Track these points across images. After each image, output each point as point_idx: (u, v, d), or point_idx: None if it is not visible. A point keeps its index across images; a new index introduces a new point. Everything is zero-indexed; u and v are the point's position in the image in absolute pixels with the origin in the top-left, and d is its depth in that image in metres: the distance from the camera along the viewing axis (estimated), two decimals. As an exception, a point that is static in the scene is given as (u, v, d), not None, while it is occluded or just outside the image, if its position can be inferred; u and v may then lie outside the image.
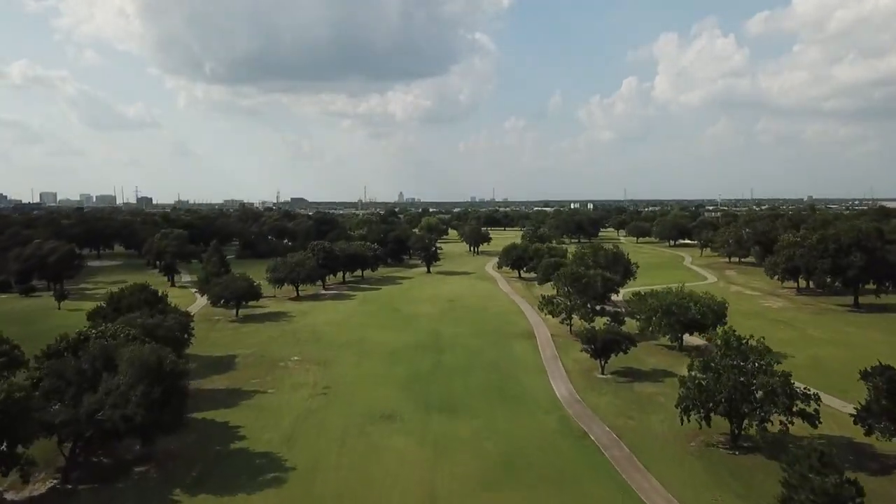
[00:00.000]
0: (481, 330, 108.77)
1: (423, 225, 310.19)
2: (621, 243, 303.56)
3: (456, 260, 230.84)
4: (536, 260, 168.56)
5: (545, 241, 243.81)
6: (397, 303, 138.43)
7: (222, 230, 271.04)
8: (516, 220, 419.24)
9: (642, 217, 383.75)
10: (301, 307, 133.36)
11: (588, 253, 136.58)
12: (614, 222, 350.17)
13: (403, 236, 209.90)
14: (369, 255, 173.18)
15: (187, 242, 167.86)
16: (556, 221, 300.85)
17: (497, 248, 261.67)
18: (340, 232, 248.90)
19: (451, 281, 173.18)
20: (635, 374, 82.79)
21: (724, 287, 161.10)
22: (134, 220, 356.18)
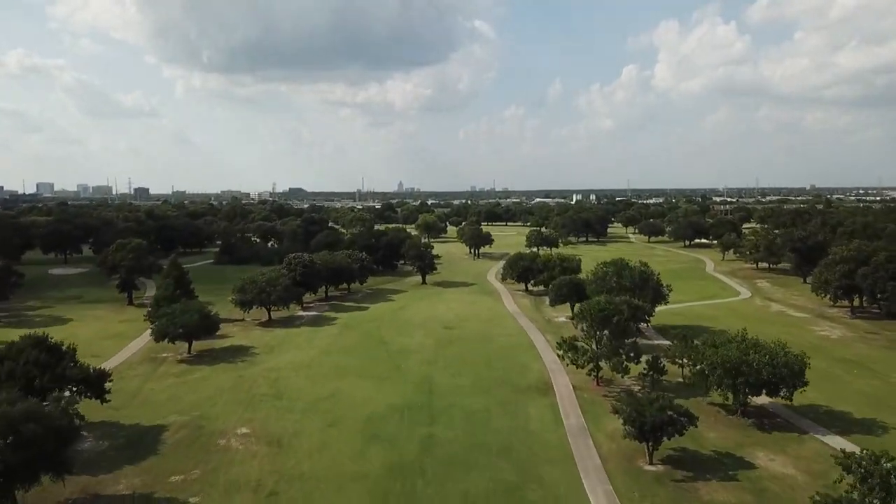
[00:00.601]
0: (485, 379, 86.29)
1: (421, 223, 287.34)
2: (631, 242, 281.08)
3: (455, 265, 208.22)
4: (546, 272, 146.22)
5: (551, 243, 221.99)
6: (385, 330, 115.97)
7: (201, 231, 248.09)
8: (518, 215, 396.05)
9: (651, 212, 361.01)
10: (269, 338, 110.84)
11: (610, 272, 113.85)
12: (622, 218, 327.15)
13: (396, 241, 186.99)
14: (356, 268, 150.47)
15: (146, 254, 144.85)
16: (561, 220, 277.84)
17: (499, 250, 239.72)
18: (330, 233, 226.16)
19: (449, 296, 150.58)
20: (695, 462, 60.46)
21: (763, 305, 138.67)
22: (115, 216, 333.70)
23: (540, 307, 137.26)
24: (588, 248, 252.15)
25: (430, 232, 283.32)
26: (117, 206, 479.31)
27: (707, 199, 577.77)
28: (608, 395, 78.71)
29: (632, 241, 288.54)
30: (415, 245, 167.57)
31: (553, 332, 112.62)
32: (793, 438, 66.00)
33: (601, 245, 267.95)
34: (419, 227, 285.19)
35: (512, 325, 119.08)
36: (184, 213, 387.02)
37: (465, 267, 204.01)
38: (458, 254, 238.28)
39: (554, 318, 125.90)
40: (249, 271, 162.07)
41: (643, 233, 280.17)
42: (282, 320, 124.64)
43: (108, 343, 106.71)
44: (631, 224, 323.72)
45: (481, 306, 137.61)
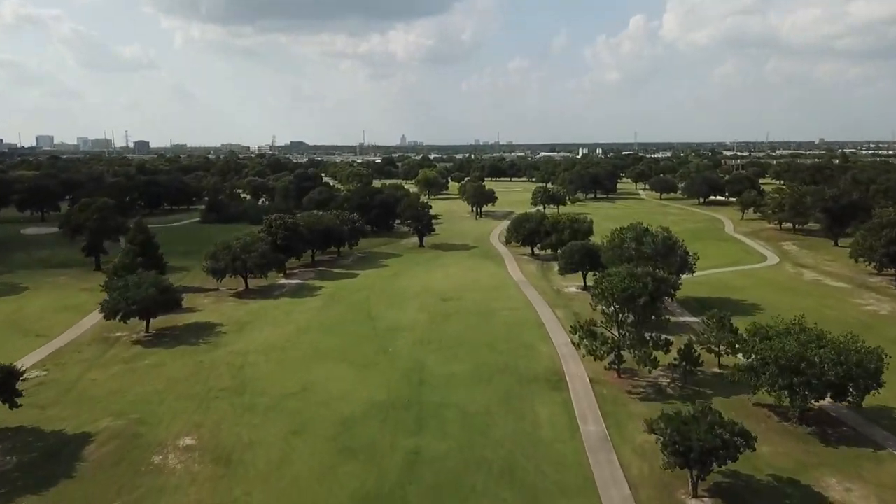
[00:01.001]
0: (485, 366, 72.91)
1: (421, 179, 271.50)
2: (642, 199, 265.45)
3: (455, 225, 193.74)
4: (554, 235, 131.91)
5: (558, 200, 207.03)
6: (374, 302, 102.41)
7: (189, 187, 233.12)
8: (523, 170, 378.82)
9: (661, 167, 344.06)
10: (242, 312, 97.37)
11: (629, 238, 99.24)
12: (632, 174, 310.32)
13: (391, 200, 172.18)
14: (345, 230, 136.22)
15: (114, 213, 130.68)
16: (569, 175, 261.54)
17: (503, 209, 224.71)
18: (323, 190, 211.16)
19: (447, 261, 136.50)
20: (750, 492, 47.30)
21: (794, 273, 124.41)
22: (104, 171, 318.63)
23: (548, 274, 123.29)
24: (597, 206, 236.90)
25: (431, 188, 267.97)
26: (109, 159, 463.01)
27: (717, 154, 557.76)
28: (632, 391, 65.35)
29: (642, 197, 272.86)
30: (411, 204, 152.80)
31: (563, 306, 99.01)
32: (867, 456, 52.66)
33: (610, 202, 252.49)
34: (419, 184, 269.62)
35: (517, 297, 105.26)
36: (176, 167, 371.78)
37: (466, 227, 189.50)
38: (459, 212, 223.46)
39: (564, 288, 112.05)
40: (236, 231, 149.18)
41: (654, 189, 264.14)
42: (260, 290, 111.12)
43: (60, 318, 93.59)
44: (641, 180, 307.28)
45: (483, 273, 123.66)
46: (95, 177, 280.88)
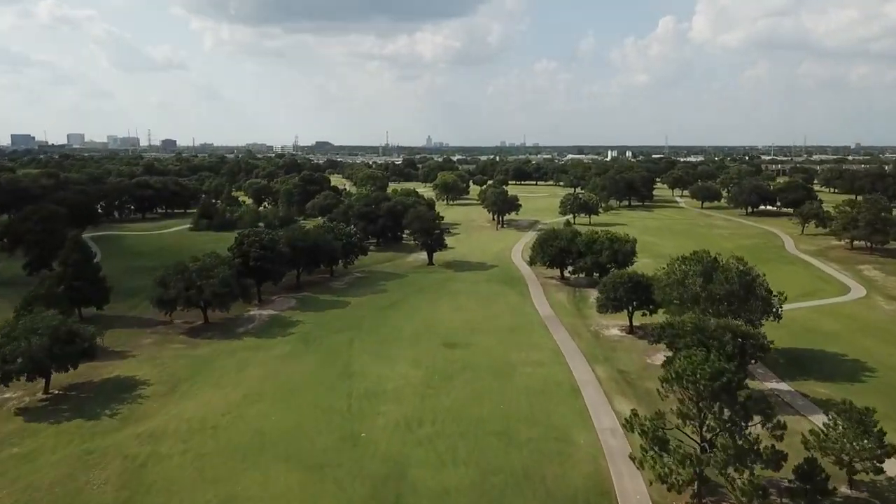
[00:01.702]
0: (495, 476, 48.43)
1: (439, 182, 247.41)
2: (682, 208, 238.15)
3: (473, 236, 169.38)
4: (590, 256, 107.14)
5: (591, 209, 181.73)
6: (357, 349, 78.52)
7: (185, 190, 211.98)
8: (550, 173, 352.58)
9: (699, 172, 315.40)
10: (184, 362, 74.18)
11: (693, 271, 73.77)
12: (668, 180, 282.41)
13: (400, 207, 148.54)
14: (338, 246, 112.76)
15: (64, 222, 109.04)
16: (601, 181, 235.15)
17: (527, 217, 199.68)
18: (329, 195, 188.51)
19: (459, 286, 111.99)
20: None
21: (890, 309, 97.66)
22: (107, 172, 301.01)
23: (582, 308, 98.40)
24: (633, 216, 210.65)
25: (450, 193, 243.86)
26: (121, 159, 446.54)
27: (755, 159, 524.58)
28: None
29: (681, 206, 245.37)
30: (419, 216, 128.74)
31: (605, 359, 74.34)
32: None
33: (647, 211, 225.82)
34: (437, 188, 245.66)
35: (544, 343, 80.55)
36: (187, 167, 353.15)
37: (485, 240, 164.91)
38: (478, 220, 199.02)
39: (604, 329, 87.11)
40: (227, 238, 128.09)
41: (696, 197, 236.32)
42: (222, 325, 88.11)
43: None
44: (678, 186, 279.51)
45: (501, 306, 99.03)
46: (98, 178, 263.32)
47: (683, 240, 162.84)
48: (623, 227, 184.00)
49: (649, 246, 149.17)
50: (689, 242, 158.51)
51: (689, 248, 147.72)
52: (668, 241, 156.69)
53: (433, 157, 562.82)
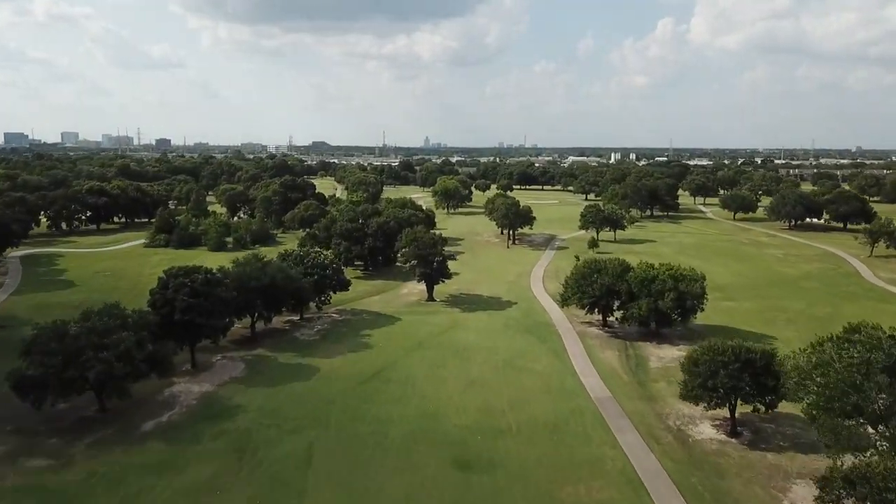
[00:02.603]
0: None
1: (438, 189, 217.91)
2: (711, 220, 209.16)
3: (480, 257, 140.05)
4: (646, 300, 78.37)
5: (615, 223, 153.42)
6: (317, 474, 49.10)
7: (147, 197, 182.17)
8: (557, 178, 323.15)
9: (719, 178, 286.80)
10: (31, 501, 45.07)
11: (858, 356, 44.43)
12: (690, 187, 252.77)
13: (393, 224, 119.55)
14: (306, 285, 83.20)
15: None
16: (622, 189, 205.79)
17: (540, 231, 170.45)
18: (311, 205, 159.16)
19: (469, 340, 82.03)
20: None
21: None
22: (77, 172, 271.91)
23: (643, 378, 69.21)
24: (661, 229, 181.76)
25: (451, 201, 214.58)
26: (98, 159, 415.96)
27: (767, 161, 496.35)
28: None
29: (710, 216, 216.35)
30: (416, 239, 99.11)
31: (710, 490, 45.33)
32: None
33: (675, 223, 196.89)
34: (436, 195, 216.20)
35: (607, 460, 51.23)
36: (166, 168, 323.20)
37: (495, 261, 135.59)
38: (484, 234, 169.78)
39: (689, 425, 57.84)
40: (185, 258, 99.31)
41: (726, 207, 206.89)
42: (123, 414, 58.77)
43: None
44: (701, 194, 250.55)
45: (532, 376, 69.56)
46: (61, 181, 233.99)
47: (734, 263, 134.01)
48: (654, 245, 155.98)
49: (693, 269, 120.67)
50: (742, 267, 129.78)
51: (748, 276, 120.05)
52: (718, 266, 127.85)
53: (431, 159, 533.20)
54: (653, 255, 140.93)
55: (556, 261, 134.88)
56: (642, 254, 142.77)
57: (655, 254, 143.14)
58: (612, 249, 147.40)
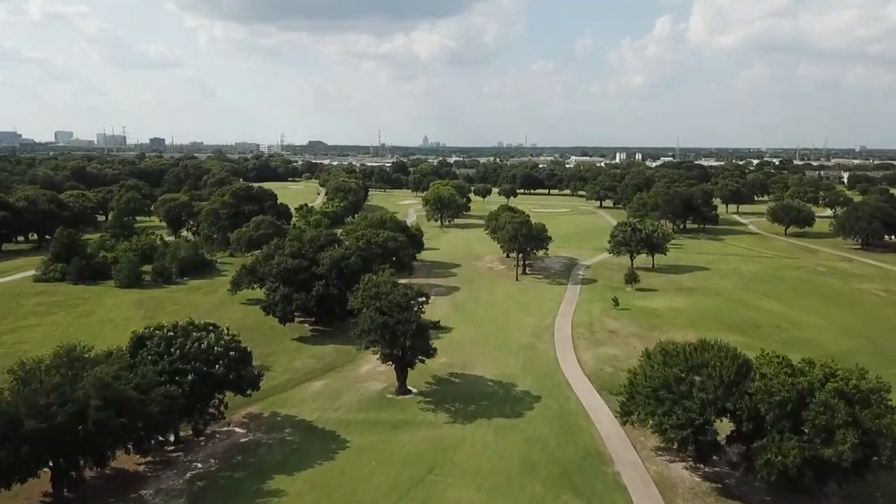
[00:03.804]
0: None
1: (430, 197, 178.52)
2: (757, 234, 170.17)
3: (481, 296, 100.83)
4: (794, 441, 39.01)
5: (655, 246, 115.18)
6: None
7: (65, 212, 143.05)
8: (566, 181, 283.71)
9: (748, 183, 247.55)
10: None
11: None
12: (722, 193, 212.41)
13: (358, 260, 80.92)
14: (156, 411, 43.91)
15: None
16: (651, 198, 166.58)
17: (557, 254, 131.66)
18: (263, 223, 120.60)
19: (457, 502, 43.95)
20: None
21: None
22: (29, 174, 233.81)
23: None
24: (706, 249, 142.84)
25: (445, 211, 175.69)
26: (57, 158, 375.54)
27: (786, 162, 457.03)
28: None
29: (752, 230, 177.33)
30: (377, 295, 59.89)
31: None
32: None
33: (716, 240, 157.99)
34: (427, 203, 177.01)
35: None
36: (130, 170, 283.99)
37: (500, 304, 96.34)
38: (485, 257, 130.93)
39: None
40: (73, 300, 65.15)
41: (778, 221, 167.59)
42: None
43: None
44: (733, 201, 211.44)
45: None
46: None
47: (828, 308, 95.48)
48: (707, 276, 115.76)
49: (791, 330, 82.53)
50: (844, 315, 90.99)
51: (866, 335, 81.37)
52: (809, 315, 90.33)
53: (427, 159, 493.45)
54: (711, 294, 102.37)
55: (585, 303, 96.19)
56: (696, 291, 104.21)
57: (714, 290, 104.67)
58: (655, 283, 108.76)
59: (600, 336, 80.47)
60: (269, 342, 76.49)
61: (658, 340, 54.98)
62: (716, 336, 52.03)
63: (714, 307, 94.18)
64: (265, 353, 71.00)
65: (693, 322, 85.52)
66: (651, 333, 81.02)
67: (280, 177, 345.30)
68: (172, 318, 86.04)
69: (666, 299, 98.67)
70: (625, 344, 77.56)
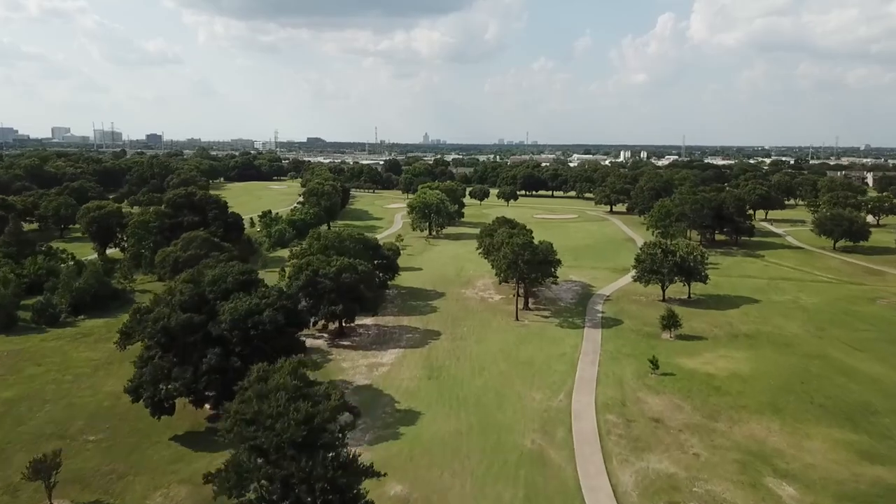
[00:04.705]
0: None
1: (415, 202, 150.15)
2: (798, 248, 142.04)
3: (468, 347, 72.75)
4: None
5: (693, 272, 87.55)
6: None
7: None
8: (571, 182, 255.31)
9: (775, 186, 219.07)
10: None
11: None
12: (751, 198, 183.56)
13: (274, 312, 52.64)
14: None
15: None
16: (676, 205, 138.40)
17: (570, 277, 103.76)
18: (192, 239, 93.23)
19: None
20: None
21: None
22: None
23: None
24: (748, 271, 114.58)
25: (434, 219, 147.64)
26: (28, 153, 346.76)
27: (802, 161, 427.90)
28: None
29: (791, 242, 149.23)
30: (262, 416, 32.38)
31: None
32: None
33: (755, 257, 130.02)
34: (413, 210, 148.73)
35: None
36: (95, 168, 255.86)
37: (491, 362, 68.28)
38: (477, 282, 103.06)
39: None
40: None
41: (827, 233, 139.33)
42: None
43: None
44: (763, 207, 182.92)
45: None
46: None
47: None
48: (761, 310, 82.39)
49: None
50: None
51: None
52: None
53: (422, 157, 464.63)
54: (779, 345, 73.75)
55: (612, 361, 68.39)
56: (757, 339, 76.41)
57: (780, 339, 76.99)
58: (699, 326, 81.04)
59: (641, 430, 52.78)
60: (134, 448, 48.91)
61: (730, 441, 27.35)
62: (813, 430, 24.97)
63: (792, 371, 66.31)
64: (118, 472, 43.68)
65: (773, 404, 57.71)
66: (715, 424, 53.56)
67: (264, 175, 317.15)
68: (17, 391, 58.66)
69: (721, 355, 70.82)
70: (680, 447, 49.90)
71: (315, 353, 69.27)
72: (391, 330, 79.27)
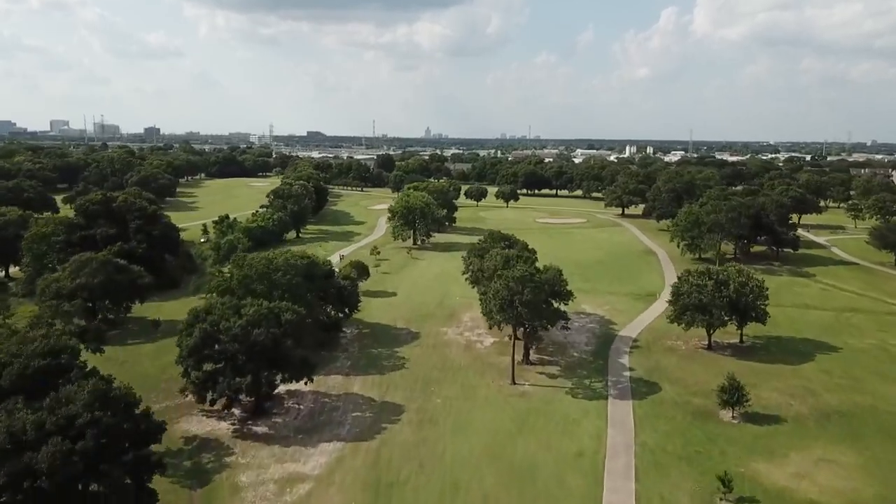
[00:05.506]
0: None
1: (398, 208, 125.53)
2: (853, 265, 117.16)
3: (437, 448, 48.39)
4: None
5: (750, 311, 60.99)
6: None
7: None
8: (577, 181, 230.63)
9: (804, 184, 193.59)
10: None
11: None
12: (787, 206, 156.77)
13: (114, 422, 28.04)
14: None
15: None
16: (708, 214, 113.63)
17: (583, 308, 79.06)
18: (87, 261, 68.93)
19: None
20: None
21: None
22: None
23: None
24: (801, 299, 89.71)
25: (419, 226, 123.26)
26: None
27: (818, 158, 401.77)
28: None
29: (846, 258, 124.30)
30: None
31: None
32: None
33: (804, 277, 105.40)
34: (395, 217, 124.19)
35: None
36: (56, 164, 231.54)
37: (476, 475, 44.37)
38: (464, 314, 78.89)
39: None
40: None
41: (889, 247, 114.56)
42: None
43: None
44: (798, 211, 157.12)
45: None
46: None
47: None
48: (842, 361, 66.21)
49: None
50: None
51: None
52: None
53: (419, 152, 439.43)
54: (889, 431, 50.66)
55: (653, 470, 44.39)
56: (854, 419, 52.04)
57: (889, 417, 52.54)
58: (765, 392, 57.03)
59: None
60: None
61: None
62: None
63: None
64: None
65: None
66: None
67: (247, 171, 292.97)
68: None
69: (819, 457, 46.58)
70: None
71: (208, 451, 45.42)
72: (333, 403, 55.24)
